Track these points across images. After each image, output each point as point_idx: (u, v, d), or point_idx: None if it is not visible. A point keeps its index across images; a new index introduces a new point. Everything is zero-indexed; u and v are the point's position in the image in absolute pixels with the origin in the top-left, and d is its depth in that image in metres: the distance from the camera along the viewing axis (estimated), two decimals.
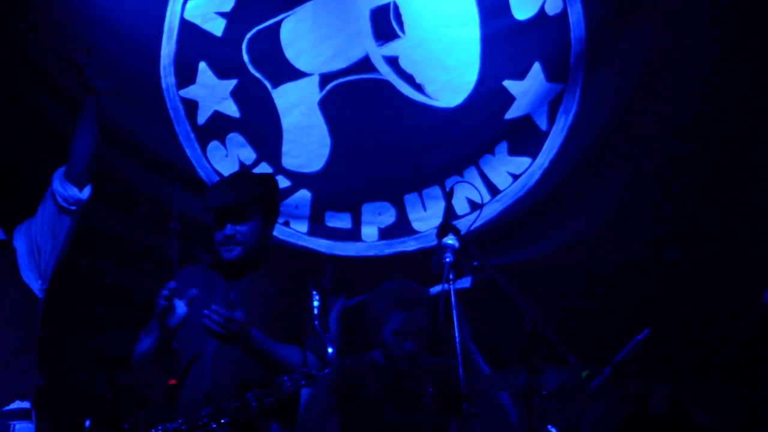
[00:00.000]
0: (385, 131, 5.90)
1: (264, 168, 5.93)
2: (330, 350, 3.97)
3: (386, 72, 5.90)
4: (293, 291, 4.22)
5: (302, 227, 5.94)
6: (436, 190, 5.89)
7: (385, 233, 5.92)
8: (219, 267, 4.31)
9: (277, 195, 4.37)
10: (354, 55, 5.92)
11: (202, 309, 4.06)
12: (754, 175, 5.71)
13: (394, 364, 4.68)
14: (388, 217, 5.92)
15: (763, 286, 5.43)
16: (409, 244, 5.89)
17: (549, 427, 4.54)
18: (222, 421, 3.89)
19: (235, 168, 5.91)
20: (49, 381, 4.36)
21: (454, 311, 3.99)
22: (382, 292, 4.78)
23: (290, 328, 4.17)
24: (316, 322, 4.00)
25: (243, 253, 4.23)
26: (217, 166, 5.93)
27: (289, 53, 5.94)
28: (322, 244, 5.93)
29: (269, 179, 4.44)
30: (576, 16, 5.81)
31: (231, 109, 5.94)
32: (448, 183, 5.83)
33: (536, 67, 5.83)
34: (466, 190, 5.73)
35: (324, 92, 5.93)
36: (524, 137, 5.86)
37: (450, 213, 4.33)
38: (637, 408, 4.70)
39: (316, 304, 4.00)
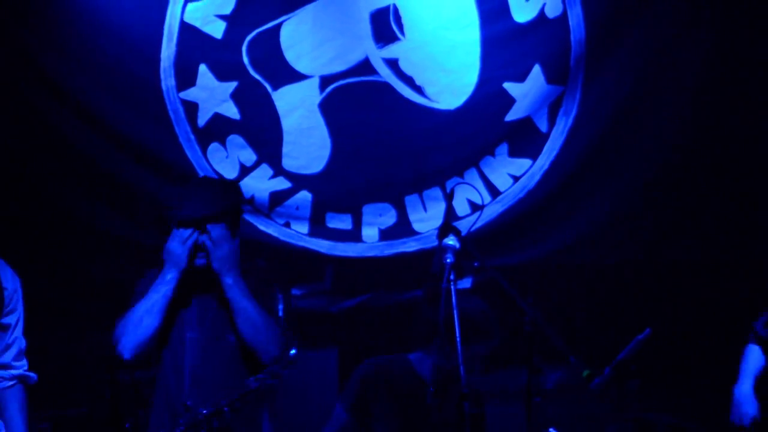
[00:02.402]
0: (385, 133, 5.90)
1: (264, 169, 5.94)
2: (293, 351, 3.99)
3: (386, 74, 5.91)
4: (263, 292, 4.22)
5: (303, 228, 5.94)
6: (437, 192, 5.90)
7: (386, 234, 5.92)
8: (189, 275, 4.30)
9: (242, 201, 4.36)
10: (354, 58, 5.92)
11: (177, 318, 4.09)
12: (754, 175, 5.71)
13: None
14: (389, 218, 5.92)
15: (762, 286, 5.44)
16: (410, 245, 5.89)
17: (551, 430, 4.53)
18: (199, 428, 3.90)
19: (236, 170, 5.92)
20: (48, 381, 4.34)
21: (455, 311, 3.98)
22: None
23: None
24: (281, 321, 4.03)
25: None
26: (218, 168, 5.93)
27: (290, 55, 5.94)
28: (322, 245, 5.93)
29: (236, 188, 4.40)
30: (576, 18, 5.81)
31: (231, 111, 5.95)
32: (449, 184, 5.84)
33: (536, 69, 5.84)
34: (467, 192, 5.74)
35: (324, 94, 5.93)
36: (524, 139, 5.86)
37: (450, 214, 4.32)
38: None
39: (280, 306, 4.03)
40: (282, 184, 5.92)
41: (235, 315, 4.02)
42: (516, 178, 5.88)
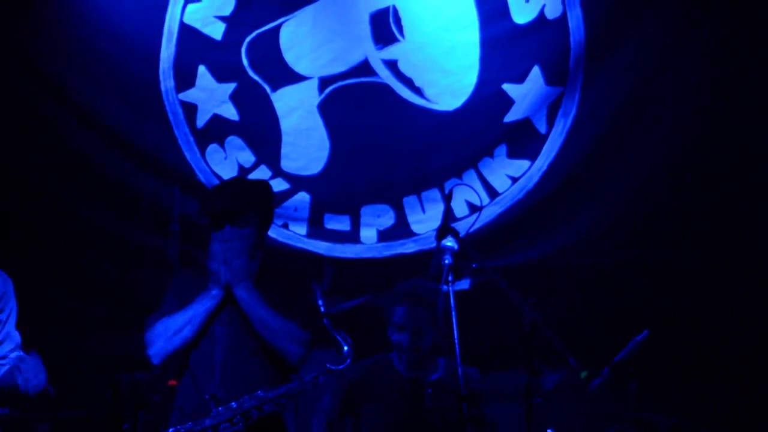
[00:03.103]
0: (384, 134, 5.91)
1: (263, 171, 5.94)
2: (345, 348, 3.99)
3: (385, 75, 5.91)
4: (295, 293, 4.22)
5: (301, 229, 5.95)
6: (435, 193, 5.90)
7: (384, 235, 5.92)
8: None
9: (273, 201, 4.36)
10: (353, 59, 5.93)
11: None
12: (754, 176, 5.71)
13: (404, 363, 4.69)
14: (387, 219, 5.93)
15: (761, 287, 5.45)
16: (408, 246, 5.90)
17: (550, 431, 4.54)
18: (235, 420, 3.90)
19: (234, 171, 5.93)
20: (48, 381, 4.35)
21: (454, 313, 3.98)
22: (395, 289, 4.80)
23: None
24: (325, 321, 4.02)
25: None
26: (216, 169, 5.93)
27: (289, 57, 5.95)
28: (320, 246, 5.93)
29: (265, 185, 4.42)
30: (575, 20, 5.82)
31: (230, 112, 5.95)
32: (447, 185, 5.84)
33: (535, 70, 5.84)
34: (465, 193, 5.73)
35: (323, 95, 5.94)
36: (523, 140, 5.86)
37: (449, 215, 4.32)
38: None
39: (320, 302, 4.02)
40: (280, 185, 5.92)
41: (253, 325, 4.04)
42: (515, 180, 5.88)
